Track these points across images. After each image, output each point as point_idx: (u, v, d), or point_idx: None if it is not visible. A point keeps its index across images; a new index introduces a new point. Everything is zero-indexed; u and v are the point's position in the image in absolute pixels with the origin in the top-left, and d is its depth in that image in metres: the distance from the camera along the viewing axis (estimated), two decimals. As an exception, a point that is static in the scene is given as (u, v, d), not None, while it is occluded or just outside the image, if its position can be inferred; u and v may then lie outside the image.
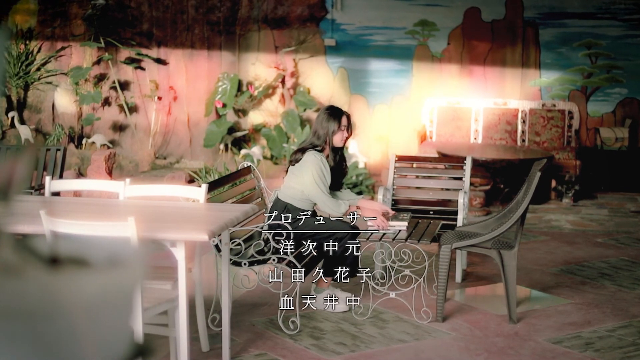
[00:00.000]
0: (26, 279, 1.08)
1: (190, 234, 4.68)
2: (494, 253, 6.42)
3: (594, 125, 12.74)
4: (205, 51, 13.40)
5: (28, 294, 1.06)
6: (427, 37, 13.02)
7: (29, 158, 1.09)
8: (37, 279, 1.09)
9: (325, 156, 6.75)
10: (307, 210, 6.66)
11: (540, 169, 6.45)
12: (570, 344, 5.98)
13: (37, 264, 1.13)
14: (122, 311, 1.18)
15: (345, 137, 6.83)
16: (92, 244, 1.23)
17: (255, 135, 13.19)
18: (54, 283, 1.09)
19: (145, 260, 1.22)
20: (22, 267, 1.11)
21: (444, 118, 12.76)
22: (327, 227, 6.58)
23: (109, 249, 1.21)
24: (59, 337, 1.09)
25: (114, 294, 1.15)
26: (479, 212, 10.53)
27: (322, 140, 6.77)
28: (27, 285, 1.07)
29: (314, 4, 13.12)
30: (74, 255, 1.19)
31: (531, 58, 12.87)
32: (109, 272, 1.17)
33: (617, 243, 9.27)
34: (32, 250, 1.16)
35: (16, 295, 1.05)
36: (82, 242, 1.25)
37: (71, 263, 1.18)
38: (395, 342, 5.96)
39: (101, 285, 1.13)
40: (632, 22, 12.61)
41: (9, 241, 1.12)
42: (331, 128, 6.76)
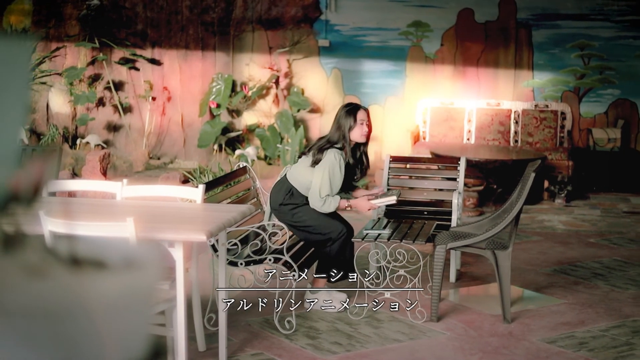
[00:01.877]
0: (47, 280, 1.11)
1: (188, 234, 4.72)
2: (488, 253, 6.46)
3: (586, 126, 12.80)
4: (199, 52, 13.43)
5: (49, 294, 1.09)
6: (420, 38, 13.07)
7: (53, 160, 1.13)
8: (57, 280, 1.12)
9: (344, 154, 6.75)
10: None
11: (535, 170, 6.49)
12: (564, 343, 6.02)
13: (57, 264, 1.16)
14: (139, 312, 1.21)
15: (365, 132, 6.78)
16: (108, 246, 1.27)
17: (249, 135, 13.22)
18: (75, 284, 1.12)
19: (160, 262, 1.25)
20: (43, 267, 1.14)
21: (437, 119, 12.81)
22: (324, 221, 6.65)
23: (124, 250, 1.25)
24: (79, 338, 1.12)
25: (131, 295, 1.19)
26: (472, 212, 10.58)
27: (340, 137, 6.76)
28: (48, 286, 1.10)
29: (308, 5, 13.15)
30: (92, 257, 1.23)
31: (524, 59, 12.92)
32: (126, 274, 1.20)
33: (610, 243, 9.32)
34: (51, 251, 1.19)
35: (37, 295, 1.08)
36: (97, 244, 1.28)
37: (89, 264, 1.21)
38: (391, 342, 6.00)
39: (120, 286, 1.16)
40: (625, 23, 12.67)
41: (29, 242, 1.16)
42: (348, 124, 6.74)
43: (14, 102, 1.01)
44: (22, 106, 1.03)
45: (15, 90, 1.01)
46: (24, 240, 1.11)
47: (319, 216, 6.69)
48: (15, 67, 1.01)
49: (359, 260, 6.88)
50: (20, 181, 1.09)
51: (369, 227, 7.03)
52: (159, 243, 4.63)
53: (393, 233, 6.78)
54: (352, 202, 6.80)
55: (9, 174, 1.06)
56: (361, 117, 6.76)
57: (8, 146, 1.03)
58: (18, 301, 1.07)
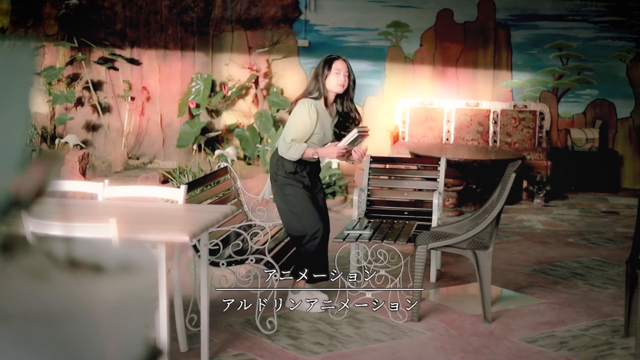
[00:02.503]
0: (46, 283, 1.12)
1: (171, 235, 4.71)
2: (469, 253, 6.48)
3: (564, 126, 12.88)
4: (178, 52, 13.41)
5: (49, 297, 1.09)
6: (399, 38, 13.10)
7: (56, 163, 1.13)
8: (57, 283, 1.12)
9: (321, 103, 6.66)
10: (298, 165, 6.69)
11: (515, 170, 6.52)
12: (545, 343, 6.05)
13: (56, 267, 1.16)
14: (138, 314, 1.22)
15: (341, 82, 6.64)
16: (104, 249, 1.27)
17: (228, 135, 13.21)
18: (74, 287, 1.12)
19: (156, 265, 1.26)
20: (42, 270, 1.14)
21: (416, 119, 12.84)
22: (306, 209, 6.63)
23: (121, 253, 1.25)
24: (79, 341, 1.12)
25: (131, 297, 1.19)
26: (452, 212, 10.61)
27: (316, 86, 6.66)
28: (48, 289, 1.10)
29: (287, 5, 13.16)
30: (89, 259, 1.23)
31: (503, 59, 12.98)
32: (125, 277, 1.21)
33: (589, 243, 9.38)
34: (50, 253, 1.19)
35: (37, 298, 1.08)
36: (94, 247, 1.28)
37: (88, 267, 1.21)
38: (372, 342, 6.01)
39: (119, 289, 1.17)
40: (603, 24, 12.74)
41: (28, 245, 1.16)
42: (324, 73, 6.65)
43: (18, 106, 1.01)
44: (25, 110, 1.03)
45: (19, 94, 1.01)
46: (23, 243, 1.11)
47: (304, 203, 6.64)
48: (19, 71, 1.01)
49: (340, 260, 6.90)
50: (22, 184, 1.09)
51: (350, 227, 7.04)
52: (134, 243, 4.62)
53: (374, 233, 6.79)
54: (319, 149, 6.65)
55: (12, 178, 1.06)
56: (337, 67, 6.65)
57: (12, 150, 1.03)
58: (17, 304, 1.07)
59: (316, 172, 6.91)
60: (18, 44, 1.00)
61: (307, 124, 6.58)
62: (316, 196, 6.84)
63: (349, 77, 6.69)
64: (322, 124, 6.65)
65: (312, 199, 6.71)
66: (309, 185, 6.76)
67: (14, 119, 1.01)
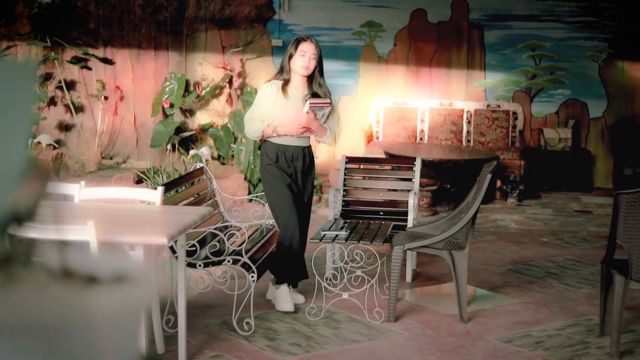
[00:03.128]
0: (43, 294, 1.11)
1: (149, 237, 4.70)
2: (445, 254, 6.50)
3: (537, 126, 12.95)
4: (152, 51, 13.36)
5: (44, 309, 1.09)
6: (373, 38, 13.13)
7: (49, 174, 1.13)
8: (53, 294, 1.12)
9: (290, 83, 6.63)
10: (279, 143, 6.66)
11: (491, 171, 6.55)
12: (521, 342, 6.08)
13: (52, 279, 1.16)
14: (133, 326, 1.22)
15: (305, 64, 6.58)
16: (99, 259, 1.27)
17: (202, 135, 13.19)
18: (70, 298, 1.12)
19: (154, 276, 1.25)
20: (37, 281, 1.14)
21: (390, 118, 12.87)
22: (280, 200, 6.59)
23: (116, 264, 1.25)
24: (75, 352, 1.12)
25: (127, 309, 1.19)
26: (426, 212, 10.64)
27: (284, 69, 6.66)
28: (44, 301, 1.10)
29: (261, 4, 13.15)
30: (84, 270, 1.23)
31: (476, 59, 13.03)
32: (121, 288, 1.20)
33: (563, 242, 9.43)
34: (44, 264, 1.19)
35: (33, 310, 1.08)
36: (89, 257, 1.28)
37: (82, 278, 1.21)
38: (349, 343, 6.02)
39: (115, 301, 1.17)
40: (576, 24, 12.82)
41: (22, 256, 1.16)
42: (288, 53, 6.63)
43: (19, 121, 1.01)
44: (27, 125, 1.03)
45: (20, 108, 1.01)
46: (23, 257, 1.11)
47: (280, 198, 6.60)
48: (20, 88, 1.00)
49: (316, 260, 6.89)
50: (21, 197, 1.09)
51: (327, 227, 7.03)
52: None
53: (351, 234, 6.79)
54: (278, 127, 6.59)
55: (13, 192, 1.06)
56: (303, 49, 6.59)
57: (13, 165, 1.03)
58: (14, 316, 1.07)
59: (305, 165, 6.80)
60: (19, 61, 1.00)
61: (262, 103, 6.59)
62: (302, 193, 6.79)
63: (315, 61, 6.62)
64: (284, 105, 6.59)
65: (294, 194, 6.66)
66: (294, 178, 6.71)
67: (14, 134, 1.01)
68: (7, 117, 0.99)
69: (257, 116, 6.58)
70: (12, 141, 1.01)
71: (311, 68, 6.61)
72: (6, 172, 1.03)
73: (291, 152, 6.69)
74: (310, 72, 6.64)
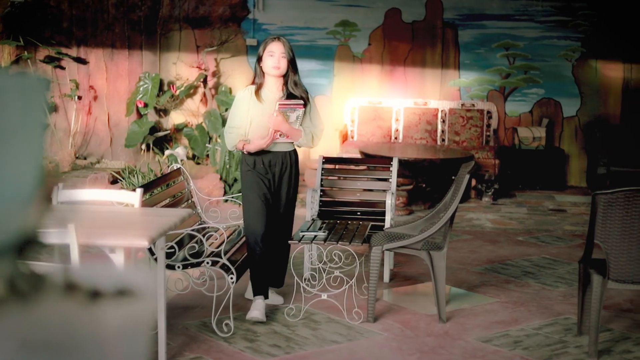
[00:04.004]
0: (48, 310, 1.11)
1: (130, 240, 4.68)
2: (423, 254, 6.52)
3: (511, 125, 13.01)
4: (126, 50, 13.31)
5: (51, 325, 1.08)
6: (348, 37, 13.14)
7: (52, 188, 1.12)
8: (59, 310, 1.11)
9: (257, 88, 6.44)
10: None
11: (469, 171, 6.58)
12: (500, 342, 6.11)
13: (56, 294, 1.16)
14: (139, 341, 1.21)
15: (275, 65, 6.36)
16: (103, 273, 1.26)
17: (176, 135, 13.15)
18: (79, 314, 1.12)
19: (154, 289, 1.25)
20: (43, 297, 1.13)
21: (365, 118, 12.88)
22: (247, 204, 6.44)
23: (117, 279, 1.24)
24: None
25: (132, 324, 1.18)
26: (402, 211, 10.66)
27: (257, 72, 6.51)
28: (50, 316, 1.09)
29: (235, 4, 13.12)
30: (88, 285, 1.22)
31: (450, 59, 13.07)
32: (126, 302, 1.20)
33: (538, 241, 9.48)
34: (48, 280, 1.18)
35: (39, 326, 1.07)
36: (93, 271, 1.27)
37: (86, 292, 1.21)
38: (329, 343, 6.02)
39: (120, 315, 1.16)
40: (549, 24, 12.89)
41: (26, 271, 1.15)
42: (258, 56, 6.47)
43: (31, 140, 1.00)
44: (39, 143, 1.02)
45: (32, 127, 1.00)
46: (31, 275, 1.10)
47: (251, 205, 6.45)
48: (31, 105, 1.00)
49: (294, 261, 6.89)
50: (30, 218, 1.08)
51: (305, 228, 7.03)
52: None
53: (329, 234, 6.79)
54: (246, 145, 6.37)
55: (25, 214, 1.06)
56: (271, 49, 6.37)
57: (25, 186, 1.02)
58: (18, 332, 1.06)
59: (285, 170, 6.54)
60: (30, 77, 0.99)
61: (237, 110, 6.44)
62: (280, 199, 6.57)
63: (285, 60, 6.40)
64: (258, 109, 6.38)
65: (267, 204, 6.46)
66: (273, 184, 6.50)
67: (26, 154, 1.00)
68: (19, 136, 0.98)
69: (234, 124, 6.41)
70: (24, 161, 1.00)
71: (283, 68, 6.39)
72: (19, 193, 1.03)
73: (269, 158, 6.47)
74: (283, 72, 6.42)
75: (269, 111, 6.34)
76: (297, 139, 6.52)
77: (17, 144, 0.99)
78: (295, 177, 6.65)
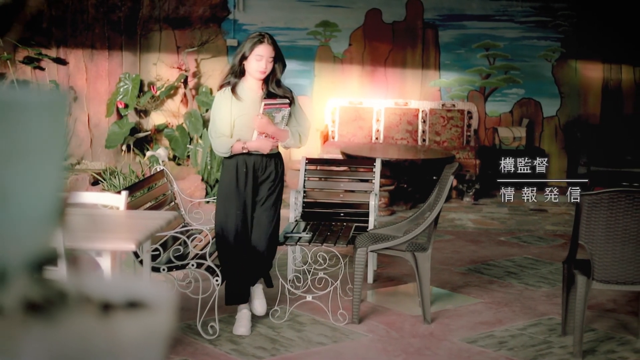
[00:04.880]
0: (69, 325, 1.10)
1: (117, 243, 4.67)
2: (408, 255, 6.53)
3: (492, 125, 13.04)
4: (106, 51, 13.25)
5: (73, 339, 1.08)
6: (328, 37, 13.13)
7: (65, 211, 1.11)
8: (78, 324, 1.11)
9: (241, 86, 6.08)
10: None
11: (453, 173, 6.60)
12: (485, 343, 6.13)
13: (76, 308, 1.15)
14: (154, 355, 1.21)
15: (261, 69, 6.00)
16: (117, 286, 1.26)
17: (157, 136, 13.11)
18: (93, 327, 1.11)
19: (174, 304, 1.24)
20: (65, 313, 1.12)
21: (346, 118, 12.89)
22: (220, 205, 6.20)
23: (135, 291, 1.24)
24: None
25: (147, 338, 1.18)
26: (384, 212, 10.68)
27: (233, 69, 6.08)
28: (72, 331, 1.09)
29: (215, 4, 13.10)
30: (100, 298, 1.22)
31: (431, 59, 13.09)
32: (141, 315, 1.19)
33: (520, 241, 9.51)
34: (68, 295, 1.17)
35: (63, 341, 1.07)
36: (106, 283, 1.27)
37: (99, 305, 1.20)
38: (315, 345, 6.02)
39: (135, 328, 1.16)
40: (529, 24, 12.93)
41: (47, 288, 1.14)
42: (241, 53, 6.04)
43: (53, 157, 1.00)
44: (60, 161, 1.01)
45: (54, 144, 1.00)
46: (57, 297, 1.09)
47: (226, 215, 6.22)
48: (54, 120, 0.99)
49: (279, 262, 6.89)
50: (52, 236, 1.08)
51: (289, 229, 7.03)
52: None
53: (314, 236, 6.80)
54: (248, 144, 6.06)
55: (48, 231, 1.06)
56: (259, 52, 5.98)
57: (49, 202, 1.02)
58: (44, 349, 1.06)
59: (268, 174, 6.24)
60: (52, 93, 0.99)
61: (221, 115, 6.06)
62: (257, 204, 6.25)
63: (274, 62, 6.07)
64: (240, 109, 6.05)
65: (246, 209, 6.18)
66: (253, 189, 6.19)
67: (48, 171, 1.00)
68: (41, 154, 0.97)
69: (220, 130, 6.06)
70: (46, 179, 1.00)
71: (268, 72, 6.06)
72: (40, 211, 1.02)
73: (252, 161, 6.16)
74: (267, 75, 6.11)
75: (252, 111, 6.04)
76: (284, 140, 6.24)
77: (39, 162, 0.99)
78: (279, 182, 6.34)
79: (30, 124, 0.96)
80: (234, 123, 6.08)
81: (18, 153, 0.94)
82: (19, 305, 1.01)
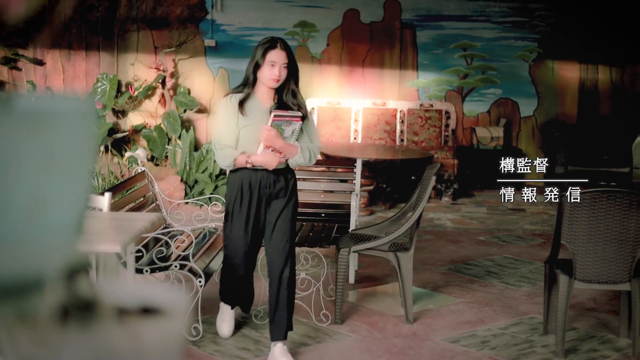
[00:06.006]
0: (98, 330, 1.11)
1: (102, 245, 4.65)
2: (391, 256, 6.55)
3: (469, 125, 13.09)
4: (83, 51, 13.21)
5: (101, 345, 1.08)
6: (306, 38, 13.14)
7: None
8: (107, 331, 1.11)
9: (250, 94, 5.58)
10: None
11: (435, 173, 6.62)
12: (467, 342, 6.16)
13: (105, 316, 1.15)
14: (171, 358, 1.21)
15: (275, 76, 5.46)
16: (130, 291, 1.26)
17: (135, 136, 13.07)
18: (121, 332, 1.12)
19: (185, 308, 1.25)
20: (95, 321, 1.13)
21: (324, 118, 12.89)
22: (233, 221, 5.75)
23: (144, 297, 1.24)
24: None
25: (162, 344, 1.19)
26: (363, 212, 10.69)
27: (249, 82, 5.57)
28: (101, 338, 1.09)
29: (193, 4, 13.08)
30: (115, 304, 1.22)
31: (409, 59, 13.12)
32: (154, 321, 1.20)
33: (499, 241, 9.56)
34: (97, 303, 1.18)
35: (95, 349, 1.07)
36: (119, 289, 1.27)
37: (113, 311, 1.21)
38: (298, 346, 6.03)
39: (148, 334, 1.16)
40: (506, 24, 12.99)
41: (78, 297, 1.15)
42: (254, 61, 5.53)
43: (82, 167, 1.00)
44: (89, 170, 1.02)
45: (84, 153, 1.00)
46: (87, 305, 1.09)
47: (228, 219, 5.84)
48: (84, 129, 1.00)
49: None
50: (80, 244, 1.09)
51: (271, 230, 7.01)
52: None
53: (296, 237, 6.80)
54: (253, 157, 5.54)
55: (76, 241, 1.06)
56: (272, 59, 5.45)
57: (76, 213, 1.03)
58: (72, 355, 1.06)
59: (277, 191, 5.72)
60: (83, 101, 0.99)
61: (225, 123, 5.60)
62: (265, 222, 5.79)
63: (288, 68, 5.53)
64: (248, 118, 5.55)
65: (249, 229, 5.76)
66: (256, 209, 5.72)
67: (77, 181, 1.00)
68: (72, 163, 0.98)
69: (224, 140, 5.57)
70: (75, 188, 1.00)
71: (282, 79, 5.51)
72: (69, 221, 1.03)
73: (259, 178, 5.65)
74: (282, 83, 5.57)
75: (260, 122, 5.53)
76: (292, 157, 5.62)
77: (72, 171, 0.99)
78: (291, 200, 5.81)
79: (64, 133, 0.96)
80: (239, 134, 5.60)
81: (54, 162, 0.95)
82: (54, 312, 1.01)
